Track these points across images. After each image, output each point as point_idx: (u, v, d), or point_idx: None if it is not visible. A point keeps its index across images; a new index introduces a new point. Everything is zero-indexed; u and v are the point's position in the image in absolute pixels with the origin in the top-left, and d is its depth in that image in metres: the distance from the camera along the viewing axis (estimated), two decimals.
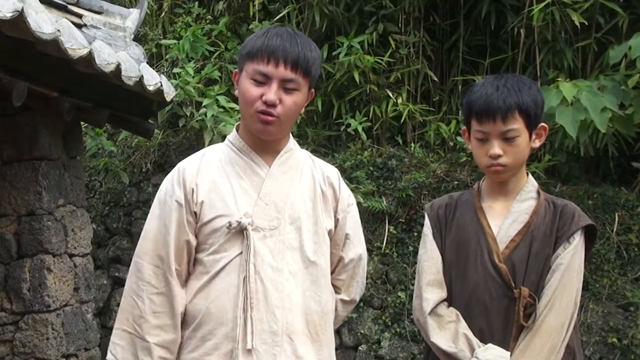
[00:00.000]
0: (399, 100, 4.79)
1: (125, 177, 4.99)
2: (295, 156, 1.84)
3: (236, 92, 1.78)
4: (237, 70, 1.78)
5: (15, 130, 3.42)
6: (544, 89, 3.50)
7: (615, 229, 3.87)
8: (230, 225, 1.69)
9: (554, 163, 4.23)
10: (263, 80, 1.68)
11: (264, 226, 1.72)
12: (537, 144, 1.87)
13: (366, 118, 4.77)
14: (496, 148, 1.81)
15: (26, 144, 3.41)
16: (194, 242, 1.74)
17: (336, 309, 1.91)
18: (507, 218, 1.86)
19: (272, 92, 1.67)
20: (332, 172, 1.90)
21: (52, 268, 3.41)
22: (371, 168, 4.59)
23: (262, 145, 1.78)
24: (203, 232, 1.72)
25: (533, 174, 4.12)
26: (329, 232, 1.83)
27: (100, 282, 4.99)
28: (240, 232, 1.69)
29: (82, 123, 3.97)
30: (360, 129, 4.68)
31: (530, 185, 1.90)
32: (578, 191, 4.12)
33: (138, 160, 5.19)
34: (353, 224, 1.92)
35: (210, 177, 1.75)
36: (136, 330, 1.72)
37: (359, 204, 4.29)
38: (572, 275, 1.77)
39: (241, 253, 1.70)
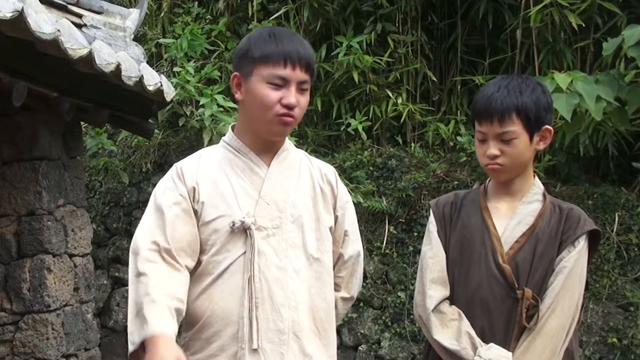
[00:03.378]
0: (399, 100, 4.79)
1: (125, 177, 4.99)
2: (292, 155, 1.85)
3: (237, 96, 1.76)
4: (236, 73, 1.76)
5: (15, 130, 3.42)
6: (538, 78, 3.51)
7: (615, 229, 3.87)
8: (233, 224, 1.68)
9: (554, 163, 4.23)
10: (281, 83, 1.70)
11: (267, 225, 1.72)
12: (541, 146, 1.85)
13: (366, 118, 4.77)
14: (492, 149, 1.81)
15: (26, 144, 3.41)
16: (196, 236, 1.70)
17: (336, 307, 1.91)
18: (512, 219, 1.86)
19: (292, 96, 1.70)
20: (329, 170, 1.91)
21: (52, 268, 3.40)
22: (371, 168, 4.59)
23: (262, 145, 1.78)
24: (203, 233, 1.71)
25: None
26: (330, 229, 1.84)
27: (100, 282, 4.99)
28: (242, 232, 1.69)
29: (82, 123, 3.97)
30: (360, 128, 4.68)
31: (536, 187, 1.90)
32: (578, 191, 4.12)
33: (138, 160, 5.19)
34: (351, 221, 1.93)
35: (210, 177, 1.75)
36: (141, 302, 1.59)
37: (358, 203, 4.33)
38: (575, 279, 1.78)
39: (244, 253, 1.69)
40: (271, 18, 5.10)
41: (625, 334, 3.70)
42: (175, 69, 4.92)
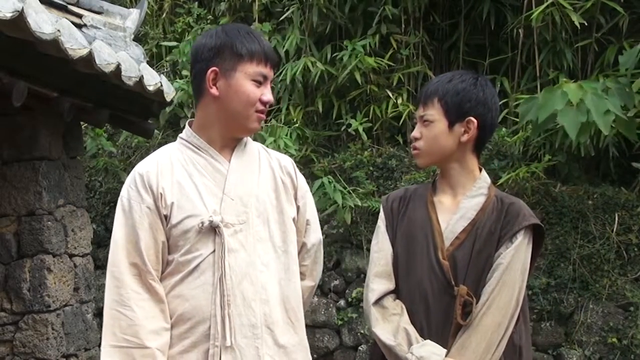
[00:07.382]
0: (399, 101, 4.79)
1: (125, 178, 4.99)
2: (249, 147, 1.86)
3: (213, 91, 1.73)
4: (215, 68, 1.73)
5: (15, 130, 3.42)
6: (548, 89, 3.46)
7: (615, 229, 3.87)
8: (202, 224, 1.68)
9: (554, 163, 4.23)
10: (262, 81, 1.74)
11: (234, 222, 1.73)
12: (465, 137, 1.84)
13: (366, 118, 4.77)
14: (415, 131, 1.89)
15: (26, 144, 3.42)
16: (165, 243, 1.73)
17: (303, 296, 1.92)
18: (455, 214, 1.85)
19: (270, 93, 1.75)
20: (287, 161, 1.93)
21: (52, 268, 3.41)
22: (371, 168, 4.59)
23: (227, 141, 1.80)
24: (173, 234, 1.71)
25: (533, 174, 4.14)
26: (293, 220, 1.86)
27: (100, 282, 4.98)
28: (211, 230, 1.70)
29: (82, 123, 3.97)
30: (361, 129, 4.68)
31: (482, 181, 1.88)
32: (578, 191, 4.12)
33: (138, 160, 5.19)
34: (311, 210, 1.96)
35: (173, 178, 1.74)
36: (130, 340, 1.65)
37: (358, 205, 4.32)
38: (514, 275, 1.75)
39: (214, 251, 1.70)
40: (279, 19, 5.09)
41: (625, 334, 3.70)
42: (184, 72, 4.91)
